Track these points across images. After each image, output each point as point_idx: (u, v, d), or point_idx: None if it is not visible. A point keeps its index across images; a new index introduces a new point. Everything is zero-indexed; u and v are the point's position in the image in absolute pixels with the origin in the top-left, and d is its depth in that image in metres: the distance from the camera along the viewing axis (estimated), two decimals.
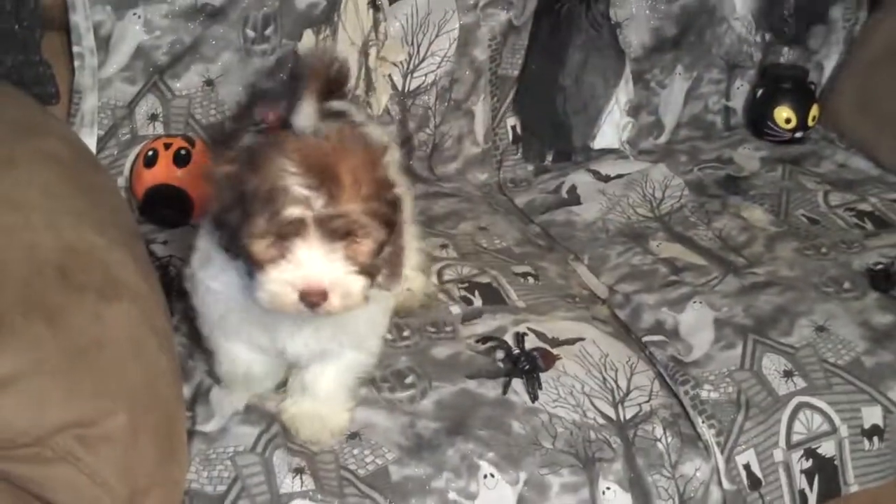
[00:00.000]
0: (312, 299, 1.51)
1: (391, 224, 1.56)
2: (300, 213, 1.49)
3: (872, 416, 1.99)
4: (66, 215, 1.75)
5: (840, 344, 2.06)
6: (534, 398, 1.91)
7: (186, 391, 1.85)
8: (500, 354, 1.99)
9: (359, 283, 1.54)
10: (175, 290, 2.07)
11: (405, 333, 2.01)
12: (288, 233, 1.50)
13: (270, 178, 1.49)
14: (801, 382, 1.99)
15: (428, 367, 1.95)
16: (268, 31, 2.36)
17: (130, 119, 2.33)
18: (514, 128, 2.64)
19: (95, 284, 1.65)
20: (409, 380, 1.91)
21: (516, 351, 1.99)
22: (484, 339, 2.01)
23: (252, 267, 1.54)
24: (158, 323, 1.74)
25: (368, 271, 1.55)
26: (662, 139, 2.77)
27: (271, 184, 1.49)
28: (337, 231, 1.50)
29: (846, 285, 2.20)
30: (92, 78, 2.26)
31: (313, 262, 1.50)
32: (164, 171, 2.28)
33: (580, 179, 2.57)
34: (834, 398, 1.99)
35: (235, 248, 1.56)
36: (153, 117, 2.34)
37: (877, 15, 2.85)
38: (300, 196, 1.48)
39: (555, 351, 2.01)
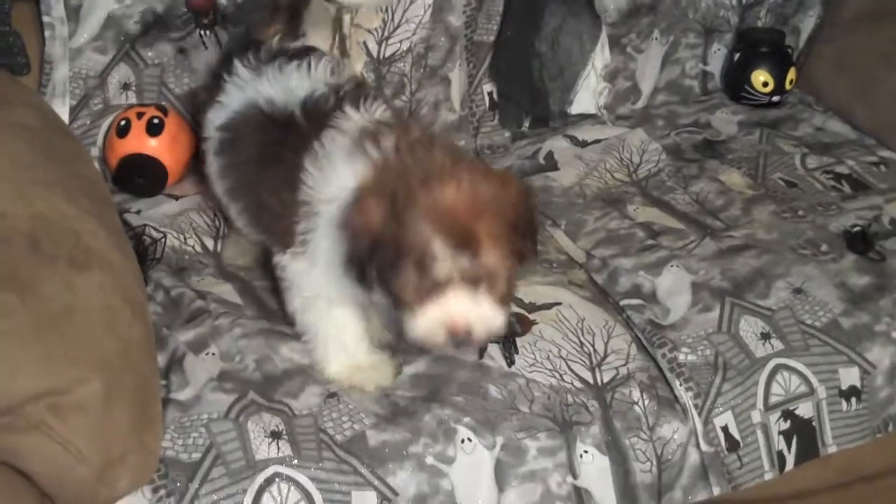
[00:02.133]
0: (460, 339, 1.66)
1: (523, 252, 1.71)
2: (447, 272, 1.62)
3: (850, 377, 1.99)
4: (36, 185, 1.74)
5: (817, 306, 2.06)
6: (510, 363, 1.91)
7: (161, 360, 1.84)
8: None
9: (500, 316, 1.69)
10: (150, 259, 2.06)
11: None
12: (435, 285, 1.63)
13: (415, 238, 1.62)
14: (778, 344, 1.99)
15: (403, 342, 1.94)
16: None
17: (102, 89, 2.31)
18: (490, 94, 2.62)
19: (66, 254, 1.64)
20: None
21: None
22: None
23: (396, 304, 1.67)
24: (131, 292, 1.73)
25: (506, 300, 1.70)
26: (639, 104, 2.76)
27: (419, 246, 1.62)
28: (480, 279, 1.65)
29: (823, 248, 2.20)
30: (63, 48, 2.24)
31: (459, 308, 1.65)
32: (137, 141, 2.26)
33: (557, 145, 2.56)
34: (811, 360, 1.99)
35: (376, 284, 1.68)
36: (125, 87, 2.33)
37: None
38: (447, 257, 1.62)
39: (532, 316, 2.00)
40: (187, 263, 2.12)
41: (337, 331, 1.87)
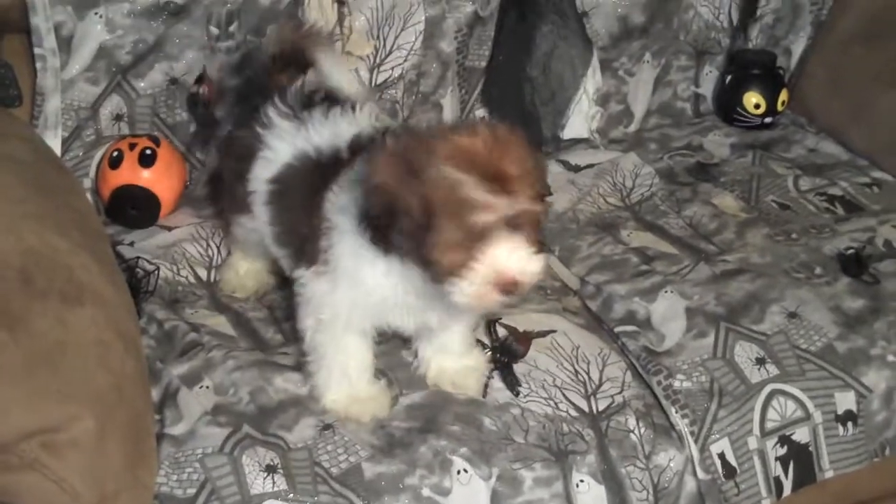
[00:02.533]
0: (510, 289, 1.61)
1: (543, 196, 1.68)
2: (488, 219, 1.57)
3: (846, 401, 1.99)
4: (28, 219, 1.74)
5: (812, 330, 2.06)
6: (516, 393, 1.91)
7: (155, 394, 1.84)
8: None
9: (540, 260, 1.63)
10: (143, 291, 2.06)
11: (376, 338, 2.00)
12: (476, 237, 1.58)
13: (446, 189, 1.56)
14: (773, 370, 1.99)
15: (399, 372, 1.94)
16: (232, 28, 2.34)
17: (95, 120, 2.31)
18: (482, 119, 2.62)
19: (58, 289, 1.64)
20: (381, 383, 1.91)
21: (494, 345, 1.99)
22: None
23: (435, 272, 1.61)
24: (124, 326, 1.72)
25: (542, 245, 1.66)
26: (632, 127, 2.75)
27: (452, 195, 1.56)
28: (519, 224, 1.59)
29: (817, 271, 2.20)
30: (54, 79, 2.24)
31: (504, 258, 1.59)
32: (129, 172, 2.25)
33: (550, 170, 2.55)
34: (807, 384, 1.98)
35: (408, 252, 1.63)
36: (118, 117, 2.33)
37: None
38: (486, 203, 1.56)
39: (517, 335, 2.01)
40: (180, 295, 2.11)
41: (344, 357, 1.85)
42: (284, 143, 1.92)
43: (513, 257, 1.59)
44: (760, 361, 2.00)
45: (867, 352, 2.04)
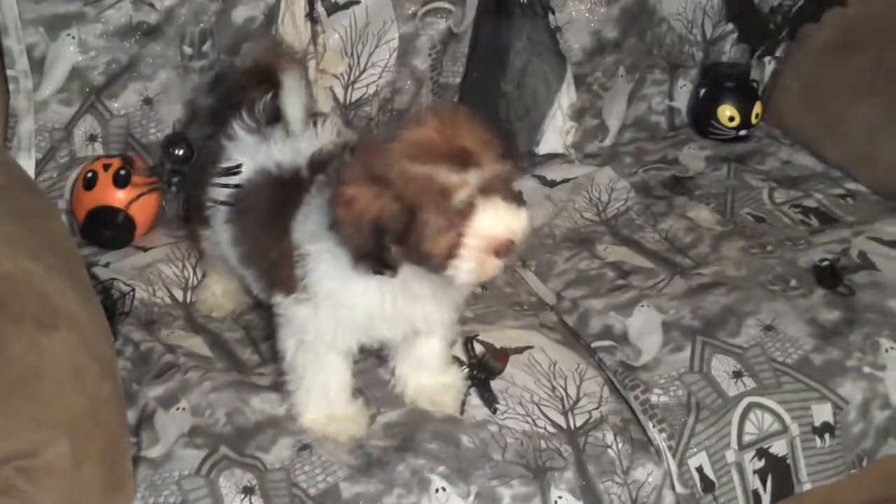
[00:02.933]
0: (505, 251, 1.64)
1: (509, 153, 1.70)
2: (463, 195, 1.59)
3: (823, 413, 2.00)
4: (2, 244, 1.72)
5: (788, 342, 2.07)
6: (493, 410, 1.91)
7: (131, 416, 1.83)
8: None
9: (524, 213, 1.66)
10: (118, 313, 2.05)
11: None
12: (460, 215, 1.60)
13: (415, 184, 1.59)
14: (750, 383, 1.99)
15: (376, 390, 1.94)
16: (205, 47, 2.35)
17: (69, 141, 2.30)
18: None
19: (32, 313, 1.63)
20: (358, 402, 1.91)
21: (471, 361, 1.99)
22: None
23: (433, 263, 1.64)
24: (99, 349, 1.71)
25: (520, 201, 1.67)
26: (607, 142, 2.76)
27: (422, 187, 1.59)
28: (493, 187, 1.62)
29: (793, 283, 2.20)
30: (27, 101, 2.24)
31: (490, 224, 1.61)
32: (104, 193, 2.26)
33: (525, 185, 2.55)
34: (784, 397, 1.99)
35: (403, 257, 1.65)
36: (92, 138, 2.32)
37: None
38: (456, 181, 1.59)
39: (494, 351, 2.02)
40: (156, 316, 2.10)
41: (325, 376, 1.85)
42: (246, 156, 1.92)
43: (497, 220, 1.62)
44: (737, 375, 2.00)
45: (843, 363, 2.04)
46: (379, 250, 1.64)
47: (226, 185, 1.94)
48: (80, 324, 1.70)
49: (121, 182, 2.25)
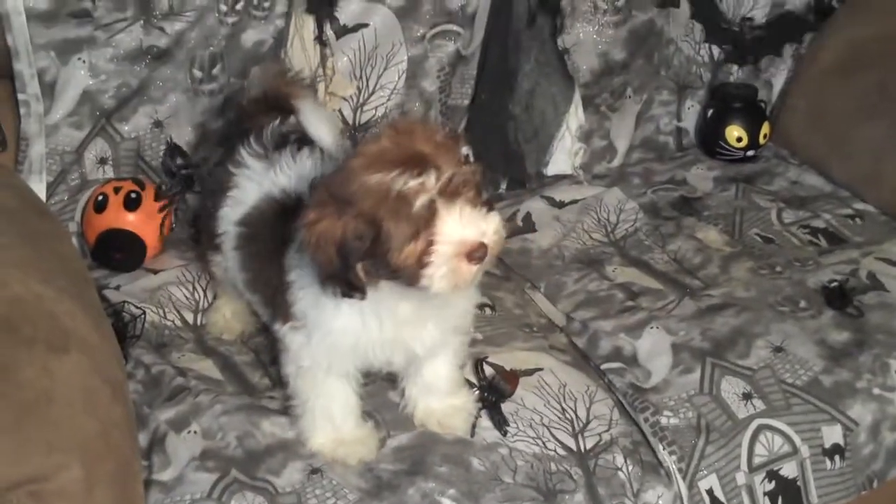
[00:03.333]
0: (479, 254, 1.60)
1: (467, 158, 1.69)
2: (424, 199, 1.56)
3: (833, 435, 2.00)
4: (12, 267, 1.73)
5: (798, 364, 2.07)
6: (504, 432, 1.91)
7: (142, 439, 1.83)
8: None
9: (496, 217, 1.63)
10: (129, 336, 2.06)
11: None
12: (424, 222, 1.57)
13: (373, 195, 1.57)
14: (760, 404, 1.99)
15: (386, 413, 1.94)
16: (215, 71, 2.35)
17: (79, 164, 2.31)
18: (466, 157, 2.62)
19: (44, 336, 1.63)
20: (368, 426, 1.91)
21: (482, 384, 1.99)
22: None
23: (406, 276, 1.61)
24: (111, 372, 1.72)
25: (489, 204, 1.66)
26: (616, 162, 2.77)
27: (381, 197, 1.56)
28: (456, 190, 1.59)
29: (802, 304, 2.21)
30: (38, 124, 2.25)
31: (459, 227, 1.58)
32: (114, 216, 2.26)
33: (535, 206, 2.56)
34: (794, 419, 1.99)
35: (375, 275, 1.63)
36: (102, 161, 2.33)
37: (823, 31, 2.86)
38: (413, 187, 1.55)
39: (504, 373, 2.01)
40: (167, 339, 2.11)
41: (327, 401, 1.85)
42: (253, 183, 1.93)
43: (465, 223, 1.59)
44: (747, 396, 2.00)
45: (853, 385, 2.05)
46: (344, 272, 1.62)
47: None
48: (92, 347, 1.70)
49: (131, 205, 2.26)
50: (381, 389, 1.97)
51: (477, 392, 1.98)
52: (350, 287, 1.64)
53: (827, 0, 2.90)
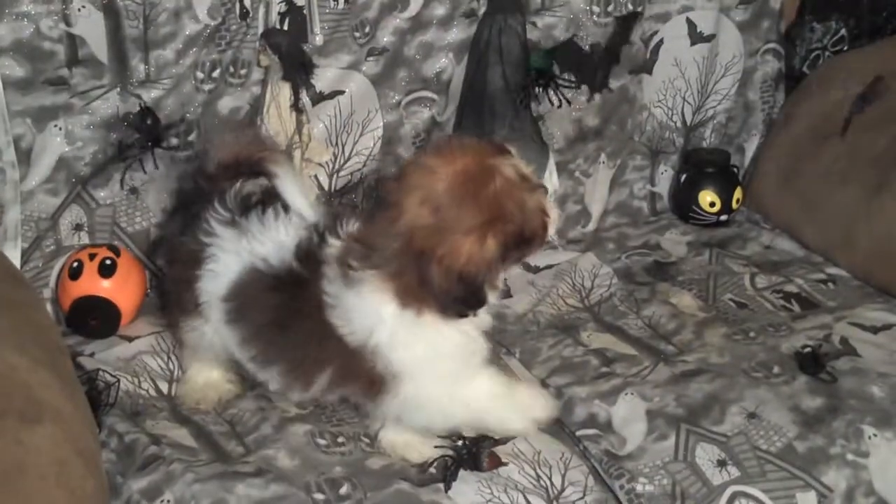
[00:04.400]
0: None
1: None
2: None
3: (807, 502, 1.99)
4: None
5: (772, 430, 2.07)
6: (447, 488, 1.91)
7: None
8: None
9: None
10: (103, 404, 2.05)
11: (339, 440, 2.00)
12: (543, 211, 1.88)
13: (508, 203, 1.80)
14: (734, 471, 2.00)
15: (363, 477, 1.93)
16: (191, 137, 2.36)
17: (54, 230, 2.32)
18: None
19: (17, 408, 1.63)
20: (343, 490, 1.90)
21: (465, 442, 1.99)
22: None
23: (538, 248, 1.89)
24: (84, 443, 1.71)
25: None
26: (590, 227, 2.78)
27: (515, 198, 1.81)
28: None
29: (775, 370, 2.21)
30: (14, 191, 2.25)
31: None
32: (89, 283, 2.26)
33: (510, 272, 2.56)
34: (768, 485, 1.99)
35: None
36: (77, 227, 2.34)
37: (794, 97, 2.90)
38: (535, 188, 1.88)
39: (493, 449, 2.01)
40: (141, 408, 2.10)
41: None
42: (229, 254, 1.95)
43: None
44: (721, 463, 2.00)
45: (827, 451, 2.05)
46: (480, 290, 1.79)
47: None
48: (65, 417, 1.70)
49: (106, 271, 2.26)
50: (357, 460, 1.97)
51: (458, 443, 1.98)
52: (477, 304, 1.82)
53: (797, 66, 2.94)
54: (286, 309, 1.87)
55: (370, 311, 1.81)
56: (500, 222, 1.78)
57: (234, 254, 1.94)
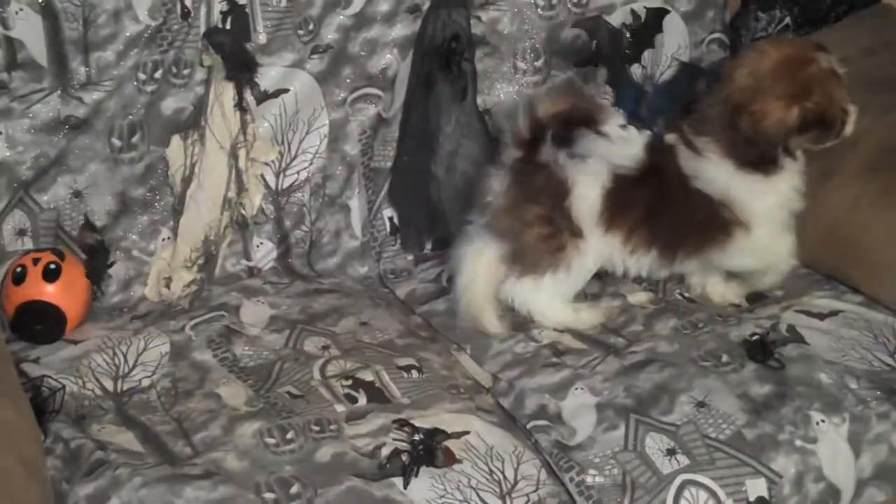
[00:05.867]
0: None
1: None
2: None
3: (757, 488, 2.00)
4: None
5: (720, 418, 2.08)
6: (406, 483, 1.91)
7: None
8: (385, 451, 1.97)
9: None
10: (48, 411, 2.03)
11: (289, 436, 1.99)
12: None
13: (825, 88, 2.27)
14: (684, 460, 2.00)
15: (313, 474, 1.92)
16: (134, 139, 2.36)
17: None
18: (391, 219, 2.64)
19: None
20: (294, 489, 1.88)
21: (422, 437, 1.99)
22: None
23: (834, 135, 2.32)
24: (27, 451, 1.69)
25: None
26: None
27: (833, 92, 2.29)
28: None
29: (724, 358, 2.22)
30: None
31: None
32: (33, 287, 2.24)
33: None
34: (718, 473, 2.00)
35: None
36: (21, 232, 2.32)
37: None
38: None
39: (445, 444, 2.00)
40: (87, 410, 2.07)
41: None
42: (588, 176, 2.25)
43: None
44: (671, 452, 2.01)
45: (775, 437, 2.06)
46: (774, 149, 2.23)
47: None
48: (7, 425, 1.69)
49: (51, 276, 2.24)
50: (306, 455, 1.96)
51: (415, 438, 1.98)
52: (771, 161, 2.24)
53: None
54: (654, 197, 2.26)
55: (719, 171, 2.24)
56: (807, 100, 2.19)
57: (589, 175, 2.24)
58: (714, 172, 2.25)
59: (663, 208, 2.27)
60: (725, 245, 2.31)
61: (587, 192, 2.25)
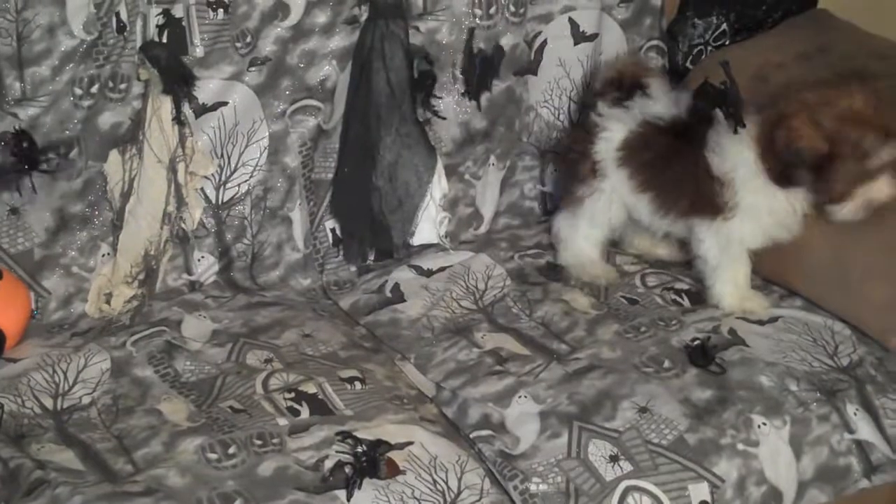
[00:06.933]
0: (870, 210, 2.29)
1: None
2: (881, 162, 2.26)
3: (700, 492, 2.02)
4: None
5: (663, 423, 2.09)
6: (349, 495, 1.90)
7: None
8: (328, 463, 1.96)
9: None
10: None
11: (231, 450, 1.98)
12: (865, 176, 2.26)
13: (847, 142, 2.23)
14: (627, 466, 2.01)
15: (256, 488, 1.91)
16: (72, 154, 2.33)
17: None
18: (333, 230, 2.63)
19: None
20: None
21: (364, 449, 1.97)
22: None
23: (828, 196, 2.28)
24: None
25: None
26: (482, 229, 2.78)
27: (855, 146, 2.23)
28: (892, 166, 2.28)
29: (666, 364, 2.24)
30: None
31: (881, 191, 2.27)
32: None
33: (403, 276, 2.57)
34: (660, 478, 2.01)
35: (807, 183, 2.30)
36: None
37: None
38: (876, 152, 2.24)
39: (389, 455, 1.99)
40: (26, 429, 2.05)
41: (733, 272, 2.41)
42: (618, 122, 2.49)
43: (885, 190, 2.22)
44: (614, 459, 2.02)
45: (717, 441, 2.08)
46: (793, 170, 2.24)
47: None
48: None
49: None
50: (248, 470, 1.95)
51: (358, 450, 1.97)
52: (789, 181, 2.27)
53: (681, 62, 2.97)
54: (669, 147, 2.41)
55: (739, 154, 2.31)
56: (843, 137, 2.20)
57: (621, 122, 2.48)
58: (735, 153, 2.32)
59: (669, 160, 2.42)
60: (708, 223, 2.41)
61: (614, 135, 2.49)
